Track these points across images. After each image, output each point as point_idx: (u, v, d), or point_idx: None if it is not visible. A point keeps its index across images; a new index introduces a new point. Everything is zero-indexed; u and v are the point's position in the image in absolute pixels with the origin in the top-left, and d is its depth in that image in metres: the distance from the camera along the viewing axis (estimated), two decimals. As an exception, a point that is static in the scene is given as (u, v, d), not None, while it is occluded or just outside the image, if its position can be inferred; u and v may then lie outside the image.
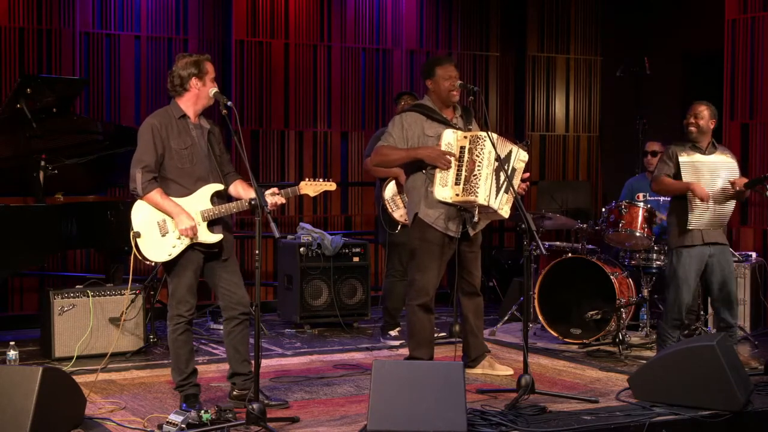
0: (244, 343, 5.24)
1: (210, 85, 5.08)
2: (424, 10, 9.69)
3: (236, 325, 5.20)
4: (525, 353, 5.39)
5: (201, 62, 5.06)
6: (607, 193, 10.15)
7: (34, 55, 8.06)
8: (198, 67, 5.05)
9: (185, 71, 5.04)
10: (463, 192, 5.58)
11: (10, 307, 8.06)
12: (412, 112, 5.88)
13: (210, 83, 5.08)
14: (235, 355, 5.25)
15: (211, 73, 5.09)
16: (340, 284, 7.72)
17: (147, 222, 5.00)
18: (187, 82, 5.04)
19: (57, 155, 6.63)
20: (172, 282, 5.08)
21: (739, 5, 8.27)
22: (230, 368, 5.30)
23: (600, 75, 10.55)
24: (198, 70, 5.04)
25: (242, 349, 5.24)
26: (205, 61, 5.08)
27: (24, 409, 4.27)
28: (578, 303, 7.11)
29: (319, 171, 9.26)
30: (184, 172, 5.04)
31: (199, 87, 5.05)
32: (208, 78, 5.07)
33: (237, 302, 5.18)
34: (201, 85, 5.05)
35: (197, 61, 5.06)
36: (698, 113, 6.18)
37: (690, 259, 6.14)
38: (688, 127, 6.20)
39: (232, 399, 5.25)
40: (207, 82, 5.07)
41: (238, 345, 5.23)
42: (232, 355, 5.26)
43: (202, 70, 5.05)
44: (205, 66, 5.07)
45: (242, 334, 5.23)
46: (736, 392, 5.03)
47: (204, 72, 5.06)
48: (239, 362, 5.25)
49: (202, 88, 5.06)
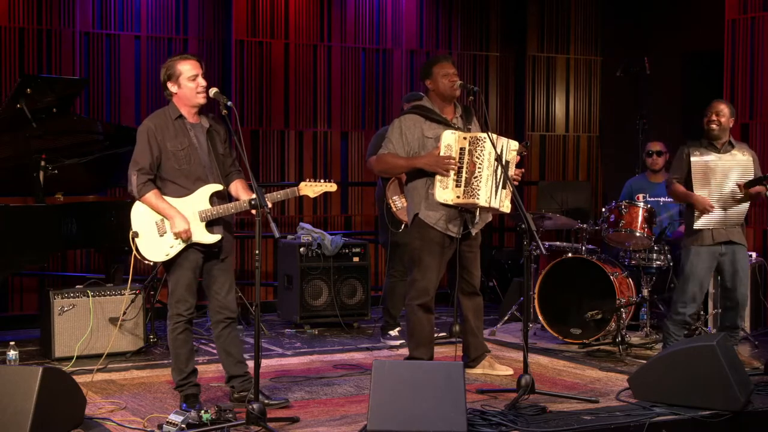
0: (234, 345, 5.25)
1: (187, 85, 5.00)
2: (424, 10, 9.69)
3: (223, 329, 5.21)
4: (525, 353, 5.39)
5: (172, 65, 5.04)
6: (607, 193, 10.15)
7: (34, 55, 8.07)
8: (169, 70, 5.04)
9: (162, 76, 5.07)
10: (464, 194, 5.57)
11: (10, 307, 8.06)
12: (411, 114, 5.87)
13: (186, 83, 5.00)
14: (227, 358, 5.25)
15: (185, 72, 5.00)
16: (340, 284, 7.72)
17: (145, 222, 5.02)
18: (165, 87, 5.07)
19: (57, 155, 6.63)
20: (172, 281, 5.09)
21: (739, 5, 8.26)
22: (226, 372, 5.30)
23: (600, 75, 10.55)
24: (170, 73, 5.03)
25: (234, 351, 5.24)
26: (176, 63, 5.03)
27: (24, 409, 4.27)
28: (578, 303, 7.11)
29: (319, 171, 9.26)
30: (181, 173, 5.04)
31: (175, 89, 5.04)
32: (181, 78, 5.01)
33: (223, 306, 5.20)
34: (176, 88, 5.04)
35: (168, 65, 5.06)
36: (719, 111, 6.17)
37: (698, 257, 6.15)
38: (710, 125, 6.16)
39: (234, 401, 5.25)
40: (181, 82, 5.01)
41: (228, 347, 5.23)
42: (224, 359, 5.27)
43: (173, 73, 5.02)
44: (175, 67, 5.02)
45: (231, 336, 5.23)
46: (736, 392, 5.03)
47: (175, 74, 5.02)
48: (233, 365, 5.25)
49: (179, 90, 5.04)
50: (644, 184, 7.67)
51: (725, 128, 6.18)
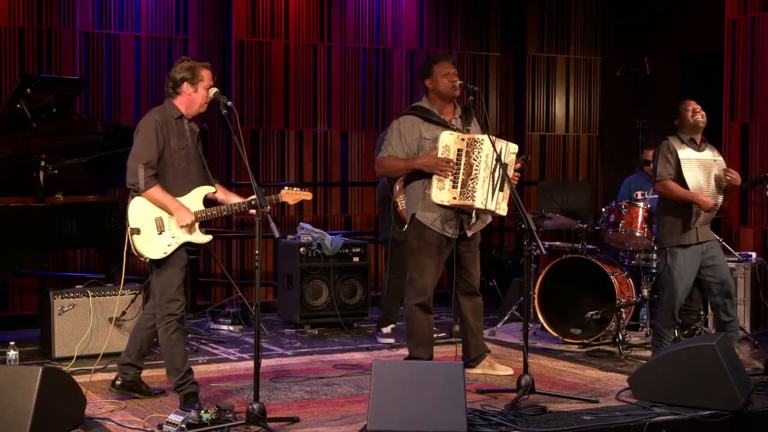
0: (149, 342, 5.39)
1: (203, 93, 5.08)
2: (424, 10, 9.69)
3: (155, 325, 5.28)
4: (525, 353, 5.39)
5: (196, 68, 5.09)
6: (607, 193, 10.15)
7: (34, 55, 8.07)
8: (192, 72, 5.07)
9: (179, 75, 5.07)
10: (460, 196, 5.58)
11: (10, 307, 8.07)
12: (409, 116, 5.87)
13: (203, 91, 5.08)
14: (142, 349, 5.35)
15: (206, 80, 5.08)
16: (340, 284, 7.72)
17: (145, 219, 5.02)
18: (179, 85, 5.07)
19: (57, 155, 6.62)
20: (163, 281, 5.08)
21: (739, 5, 8.27)
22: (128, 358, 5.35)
23: (600, 75, 10.55)
24: (192, 75, 5.06)
25: (146, 347, 5.38)
26: (201, 68, 5.10)
27: (24, 409, 4.27)
28: (578, 303, 7.10)
29: (319, 171, 9.26)
30: (179, 172, 5.06)
31: (190, 92, 5.07)
32: (201, 85, 5.07)
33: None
34: (192, 91, 5.07)
35: (192, 67, 5.08)
36: (698, 107, 6.13)
37: (685, 259, 6.07)
38: (696, 116, 6.07)
39: (115, 388, 5.35)
40: (199, 89, 5.07)
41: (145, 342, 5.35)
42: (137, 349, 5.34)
43: (195, 76, 5.06)
44: (199, 72, 5.08)
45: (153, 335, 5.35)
46: (736, 392, 5.02)
47: (198, 78, 5.06)
48: (141, 357, 5.39)
49: (194, 94, 5.07)
50: (643, 182, 7.67)
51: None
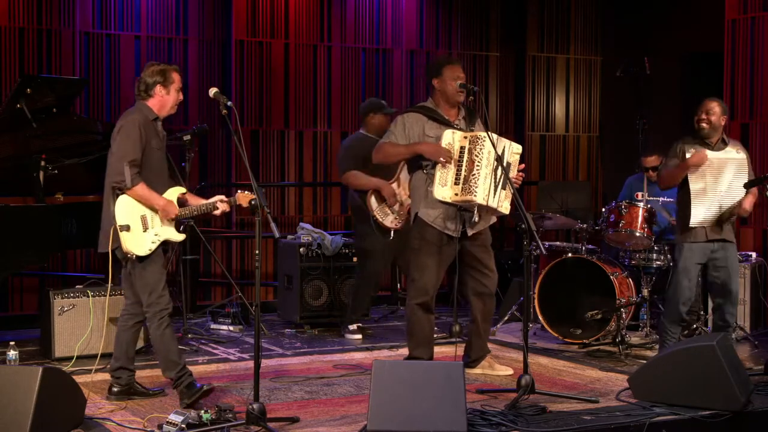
0: (135, 343, 5.45)
1: (174, 95, 5.23)
2: (424, 10, 9.69)
3: (137, 323, 5.37)
4: (525, 353, 5.39)
5: (168, 71, 5.23)
6: (607, 193, 10.15)
7: (34, 55, 8.07)
8: (164, 75, 5.21)
9: (151, 78, 5.20)
10: (462, 192, 5.59)
11: (10, 307, 8.07)
12: (414, 113, 5.90)
13: (174, 93, 5.22)
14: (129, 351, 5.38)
15: (176, 82, 5.24)
16: (340, 284, 7.72)
17: (131, 216, 5.14)
18: (151, 88, 5.20)
19: (57, 155, 6.63)
20: (149, 278, 5.16)
21: (739, 5, 8.27)
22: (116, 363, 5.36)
23: (600, 75, 10.55)
24: (164, 78, 5.20)
25: (132, 349, 5.43)
26: (172, 71, 5.25)
27: (24, 409, 4.27)
28: (578, 303, 7.11)
29: (319, 171, 9.26)
30: (155, 172, 5.20)
31: (162, 94, 5.21)
32: (173, 87, 5.22)
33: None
34: (165, 93, 5.21)
35: (164, 70, 5.23)
36: (710, 109, 6.14)
37: (691, 252, 6.13)
38: (700, 123, 6.13)
39: (113, 395, 5.33)
40: (171, 90, 5.22)
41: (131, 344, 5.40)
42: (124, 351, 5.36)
43: (167, 79, 5.21)
44: (171, 75, 5.23)
45: (137, 335, 5.44)
46: (736, 392, 5.02)
47: (169, 81, 5.21)
48: (130, 359, 5.40)
49: (166, 96, 5.21)
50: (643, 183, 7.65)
51: (716, 126, 6.15)
